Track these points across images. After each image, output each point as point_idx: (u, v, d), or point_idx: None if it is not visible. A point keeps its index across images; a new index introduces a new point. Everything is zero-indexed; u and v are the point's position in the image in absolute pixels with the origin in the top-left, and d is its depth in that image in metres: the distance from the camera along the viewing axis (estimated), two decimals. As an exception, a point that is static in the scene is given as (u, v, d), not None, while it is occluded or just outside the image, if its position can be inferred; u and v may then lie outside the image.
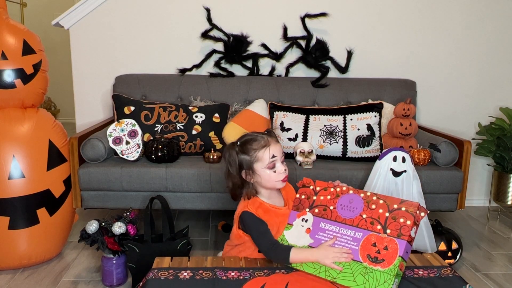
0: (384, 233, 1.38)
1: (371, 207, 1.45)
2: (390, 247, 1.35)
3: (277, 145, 1.56)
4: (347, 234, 1.44)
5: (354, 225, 1.44)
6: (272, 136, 1.59)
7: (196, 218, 2.88)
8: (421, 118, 3.07)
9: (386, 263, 1.34)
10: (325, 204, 1.53)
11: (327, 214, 1.51)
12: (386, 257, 1.34)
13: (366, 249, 1.39)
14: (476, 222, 2.93)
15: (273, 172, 1.54)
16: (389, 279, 1.31)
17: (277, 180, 1.56)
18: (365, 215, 1.44)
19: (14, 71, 2.10)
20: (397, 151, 2.03)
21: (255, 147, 1.53)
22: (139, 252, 1.95)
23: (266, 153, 1.52)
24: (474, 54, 3.05)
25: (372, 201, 1.46)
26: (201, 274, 1.44)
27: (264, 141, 1.53)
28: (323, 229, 1.49)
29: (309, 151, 2.40)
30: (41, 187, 2.14)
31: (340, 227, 1.46)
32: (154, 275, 1.43)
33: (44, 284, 2.07)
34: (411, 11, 2.98)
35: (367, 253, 1.38)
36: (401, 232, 1.36)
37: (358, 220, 1.45)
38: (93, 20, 2.90)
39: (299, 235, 1.51)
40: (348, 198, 1.51)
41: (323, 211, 1.52)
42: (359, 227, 1.44)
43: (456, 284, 1.39)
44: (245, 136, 1.60)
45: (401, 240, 1.35)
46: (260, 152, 1.53)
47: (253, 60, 2.94)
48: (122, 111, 2.58)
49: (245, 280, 1.41)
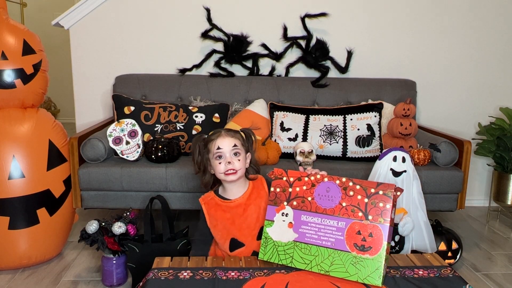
0: (367, 220, 1.38)
1: (349, 194, 1.43)
2: (374, 234, 1.36)
3: (226, 138, 1.61)
4: (330, 225, 1.43)
5: (335, 214, 1.43)
6: (231, 131, 1.65)
7: (196, 218, 2.87)
8: (421, 118, 3.07)
9: (373, 250, 1.35)
10: (302, 195, 1.50)
11: (306, 206, 1.49)
12: (373, 244, 1.35)
13: (351, 237, 1.39)
14: (476, 222, 2.93)
15: (219, 163, 1.60)
16: (379, 266, 1.33)
17: (222, 173, 1.60)
18: (345, 203, 1.42)
19: (14, 71, 2.10)
20: (397, 151, 2.03)
21: (209, 139, 1.63)
22: (139, 252, 1.96)
23: (214, 145, 1.61)
24: (474, 54, 3.05)
25: (349, 187, 1.43)
26: (201, 274, 1.44)
27: (217, 134, 1.62)
28: (305, 221, 1.47)
29: (309, 151, 2.40)
30: (41, 187, 2.14)
31: (322, 218, 1.45)
32: (154, 275, 1.43)
33: (44, 284, 2.07)
34: (411, 11, 2.98)
35: (353, 242, 1.38)
36: (383, 217, 1.36)
37: (338, 209, 1.43)
38: (93, 20, 2.90)
39: (282, 230, 1.49)
40: (325, 186, 1.47)
41: (302, 203, 1.49)
42: (340, 216, 1.42)
43: (456, 284, 1.39)
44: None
45: (383, 225, 1.35)
46: (210, 144, 1.62)
47: (253, 60, 2.94)
48: (122, 111, 2.58)
49: (245, 280, 1.41)
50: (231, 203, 1.65)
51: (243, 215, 1.63)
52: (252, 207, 1.64)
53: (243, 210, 1.64)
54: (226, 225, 1.63)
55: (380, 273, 1.33)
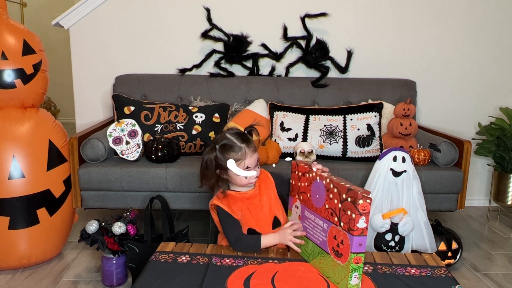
0: (339, 226, 1.38)
1: (330, 196, 1.42)
2: (344, 242, 1.36)
3: (254, 156, 1.60)
4: (319, 225, 1.47)
5: (322, 215, 1.46)
6: (251, 143, 1.62)
7: (196, 218, 2.88)
8: (421, 118, 3.07)
9: (343, 258, 1.36)
10: (305, 191, 1.55)
11: (306, 203, 1.54)
12: (343, 251, 1.36)
13: (331, 241, 1.41)
14: (476, 222, 2.93)
15: (245, 178, 1.61)
16: (346, 275, 1.34)
17: (243, 184, 1.63)
18: (327, 205, 1.43)
19: (14, 71, 2.11)
20: (397, 151, 2.03)
21: (232, 157, 1.59)
22: (139, 252, 1.96)
23: (241, 165, 1.59)
24: (474, 54, 3.05)
25: (331, 190, 1.42)
26: (198, 259, 1.53)
27: (241, 153, 1.58)
28: (306, 217, 1.54)
29: (309, 151, 2.41)
30: (41, 187, 2.14)
31: (315, 217, 1.49)
32: (155, 257, 1.53)
33: (44, 284, 2.07)
34: (411, 11, 2.98)
35: (332, 245, 1.40)
36: (350, 226, 1.33)
37: (323, 210, 1.45)
38: (93, 20, 2.90)
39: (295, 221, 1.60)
40: (316, 185, 1.49)
41: (305, 199, 1.56)
42: (325, 218, 1.44)
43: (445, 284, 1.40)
44: (224, 139, 1.62)
45: (350, 235, 1.33)
46: (236, 162, 1.58)
47: (253, 60, 2.94)
48: (122, 111, 2.58)
49: (238, 267, 1.47)
50: (245, 194, 1.67)
51: (259, 205, 1.67)
52: (265, 197, 1.69)
53: (259, 200, 1.67)
54: (245, 215, 1.65)
55: (347, 282, 1.33)
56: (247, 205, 1.66)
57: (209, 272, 1.43)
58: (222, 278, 1.40)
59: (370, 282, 1.39)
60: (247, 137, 1.64)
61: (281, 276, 1.41)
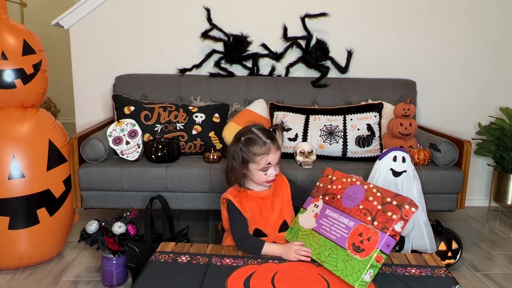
0: (372, 225, 1.43)
1: (369, 199, 1.51)
2: (372, 239, 1.40)
3: (277, 153, 1.63)
4: (342, 222, 1.52)
5: (350, 214, 1.52)
6: (275, 141, 1.64)
7: (196, 218, 2.88)
8: (421, 118, 3.07)
9: (364, 253, 1.39)
10: (335, 193, 1.63)
11: (333, 203, 1.61)
12: (366, 247, 1.39)
13: (353, 237, 1.45)
14: (476, 222, 2.93)
15: (264, 174, 1.63)
16: (362, 269, 1.36)
17: (265, 181, 1.65)
18: (362, 206, 1.51)
19: (14, 71, 2.11)
20: (397, 151, 2.03)
21: (255, 151, 1.60)
22: (139, 252, 1.96)
23: (264, 160, 1.60)
24: (474, 54, 3.05)
25: (372, 193, 1.52)
26: (198, 259, 1.53)
27: (266, 148, 1.60)
28: (326, 215, 1.59)
29: (309, 151, 2.41)
30: (41, 187, 2.14)
31: (339, 215, 1.55)
32: (155, 257, 1.53)
33: (44, 284, 2.07)
34: (411, 11, 2.98)
35: (353, 241, 1.44)
36: (386, 225, 1.40)
37: (355, 210, 1.52)
38: (93, 20, 2.90)
39: (308, 218, 1.64)
40: (354, 189, 1.58)
41: (332, 199, 1.62)
42: (353, 217, 1.50)
43: (445, 284, 1.40)
44: (249, 132, 1.64)
45: (383, 233, 1.39)
46: (258, 157, 1.60)
47: (253, 60, 2.94)
48: (122, 111, 2.58)
49: (238, 267, 1.48)
50: (260, 193, 1.68)
51: (271, 207, 1.68)
52: (278, 199, 1.70)
53: (271, 202, 1.69)
54: (255, 215, 1.66)
55: (360, 276, 1.35)
56: (259, 205, 1.67)
57: (209, 272, 1.43)
58: (222, 278, 1.40)
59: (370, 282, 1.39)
60: (272, 134, 1.65)
61: (281, 276, 1.41)
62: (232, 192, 1.67)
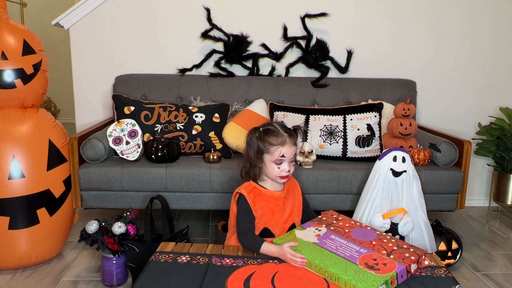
0: (387, 256, 1.44)
1: (383, 240, 1.53)
2: (388, 265, 1.39)
3: (292, 148, 1.63)
4: (352, 247, 1.49)
5: (362, 245, 1.51)
6: (293, 137, 1.64)
7: (196, 218, 2.88)
8: (421, 118, 3.07)
9: (380, 272, 1.36)
10: (342, 227, 1.62)
11: (340, 233, 1.59)
12: (382, 268, 1.38)
13: (365, 259, 1.42)
14: (476, 222, 2.93)
15: (277, 168, 1.62)
16: (376, 282, 1.32)
17: (277, 176, 1.64)
18: (375, 242, 1.52)
19: (14, 71, 2.10)
20: (397, 151, 2.02)
21: (271, 141, 1.61)
22: (139, 252, 1.96)
23: (278, 151, 1.60)
24: (474, 54, 3.05)
25: (385, 237, 1.55)
26: (198, 259, 1.53)
27: (282, 140, 1.61)
28: (332, 238, 1.55)
29: (309, 151, 2.40)
30: (41, 187, 2.14)
31: (348, 242, 1.52)
32: (155, 258, 1.53)
33: (44, 284, 2.07)
34: (411, 11, 2.98)
35: (366, 261, 1.41)
36: (403, 260, 1.42)
37: (367, 243, 1.51)
38: (93, 20, 2.90)
39: (308, 234, 1.58)
40: (364, 230, 1.59)
41: (338, 230, 1.61)
42: (366, 247, 1.49)
43: (445, 284, 1.40)
44: (269, 124, 1.67)
45: (400, 264, 1.40)
46: (273, 148, 1.61)
47: (253, 60, 2.94)
48: (122, 111, 2.58)
49: (238, 267, 1.47)
50: (274, 193, 1.68)
51: (282, 208, 1.68)
52: (290, 201, 1.71)
53: (283, 204, 1.69)
54: (266, 214, 1.66)
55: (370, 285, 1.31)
56: (271, 205, 1.67)
57: (209, 272, 1.43)
58: (222, 278, 1.40)
59: None
60: (291, 130, 1.66)
61: (281, 276, 1.41)
62: (246, 188, 1.67)
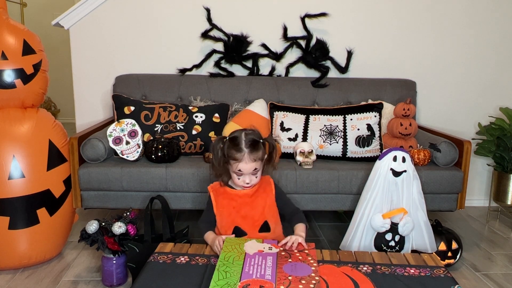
0: None
1: (302, 281, 1.35)
2: None
3: (250, 164, 1.63)
4: (264, 271, 1.39)
5: (276, 274, 1.38)
6: (255, 152, 1.63)
7: (196, 218, 2.86)
8: (421, 118, 3.07)
9: None
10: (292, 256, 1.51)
11: (281, 258, 1.48)
12: None
13: (253, 282, 1.32)
14: (476, 222, 2.93)
15: (237, 178, 1.67)
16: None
17: (238, 184, 1.71)
18: (291, 278, 1.37)
19: (14, 71, 2.11)
20: (397, 151, 2.02)
21: (230, 154, 1.64)
22: (139, 252, 1.96)
23: (235, 165, 1.64)
24: (474, 54, 3.05)
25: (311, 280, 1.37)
26: (196, 260, 1.53)
27: (240, 155, 1.62)
28: (263, 257, 1.47)
29: (309, 151, 2.40)
30: (41, 187, 2.14)
31: (271, 266, 1.42)
32: (154, 258, 1.53)
33: (44, 284, 2.07)
34: (411, 11, 2.98)
35: (249, 282, 1.33)
36: None
37: (281, 275, 1.37)
38: (93, 20, 2.90)
39: (253, 247, 1.54)
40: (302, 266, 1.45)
41: (282, 256, 1.50)
42: (276, 276, 1.37)
43: (444, 284, 1.40)
44: (238, 133, 1.68)
45: None
46: (231, 160, 1.65)
47: (253, 60, 2.94)
48: (122, 111, 2.58)
49: None
50: (239, 192, 1.72)
51: (250, 205, 1.70)
52: (259, 200, 1.71)
53: (251, 201, 1.70)
54: (232, 212, 1.70)
55: None
56: (237, 204, 1.70)
57: (208, 273, 1.43)
58: (222, 279, 1.39)
59: (369, 283, 1.39)
60: (257, 145, 1.64)
61: None
62: (215, 185, 1.76)
